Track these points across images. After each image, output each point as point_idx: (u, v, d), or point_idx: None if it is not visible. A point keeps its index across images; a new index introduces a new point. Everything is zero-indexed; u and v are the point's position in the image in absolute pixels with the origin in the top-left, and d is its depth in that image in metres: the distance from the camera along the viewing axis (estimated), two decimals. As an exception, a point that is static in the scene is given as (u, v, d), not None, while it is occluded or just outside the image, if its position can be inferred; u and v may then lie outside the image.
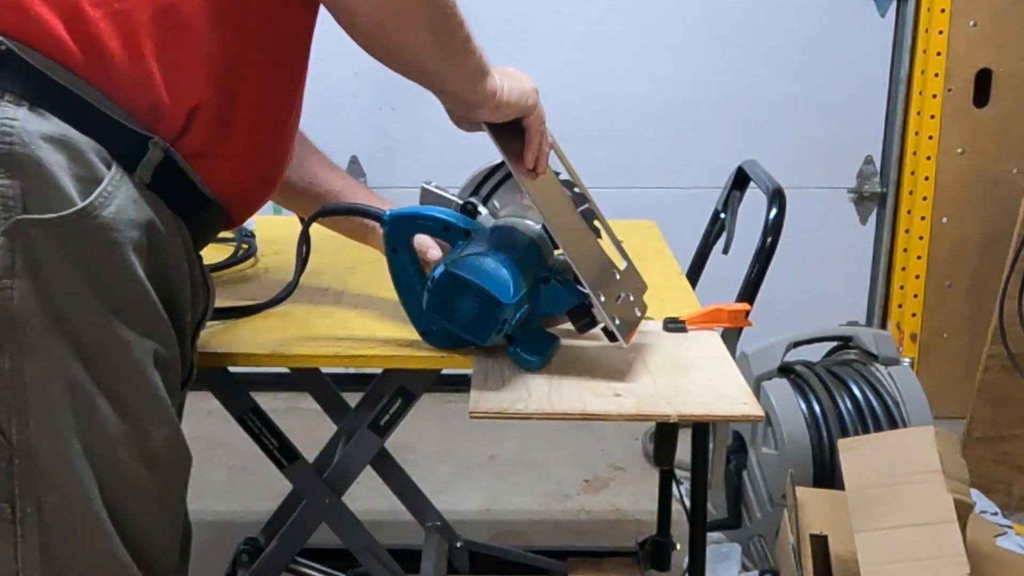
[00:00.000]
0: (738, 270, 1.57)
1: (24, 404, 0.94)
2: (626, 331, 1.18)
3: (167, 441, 1.04)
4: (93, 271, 0.95)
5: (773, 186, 1.58)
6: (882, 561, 1.49)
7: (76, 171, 0.94)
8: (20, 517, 0.96)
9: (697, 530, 1.64)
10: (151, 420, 1.02)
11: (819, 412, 2.12)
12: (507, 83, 1.16)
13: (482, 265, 1.14)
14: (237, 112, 1.06)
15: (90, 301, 0.96)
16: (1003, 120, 2.82)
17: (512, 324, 1.15)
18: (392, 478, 1.88)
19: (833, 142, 2.96)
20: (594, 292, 1.15)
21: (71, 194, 0.93)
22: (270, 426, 1.43)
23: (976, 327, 2.76)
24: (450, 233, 1.24)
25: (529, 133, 1.21)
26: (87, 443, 0.97)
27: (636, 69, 2.89)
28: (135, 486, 1.02)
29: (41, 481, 0.96)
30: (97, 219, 0.95)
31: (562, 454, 2.73)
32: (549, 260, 1.23)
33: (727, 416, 1.13)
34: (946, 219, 2.91)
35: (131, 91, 0.98)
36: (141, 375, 1.00)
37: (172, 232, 1.04)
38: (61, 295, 0.94)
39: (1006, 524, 2.24)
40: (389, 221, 1.24)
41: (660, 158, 2.94)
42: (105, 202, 0.96)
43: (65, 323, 0.95)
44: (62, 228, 0.93)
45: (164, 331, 1.03)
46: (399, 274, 1.25)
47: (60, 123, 0.95)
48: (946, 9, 2.75)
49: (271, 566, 1.56)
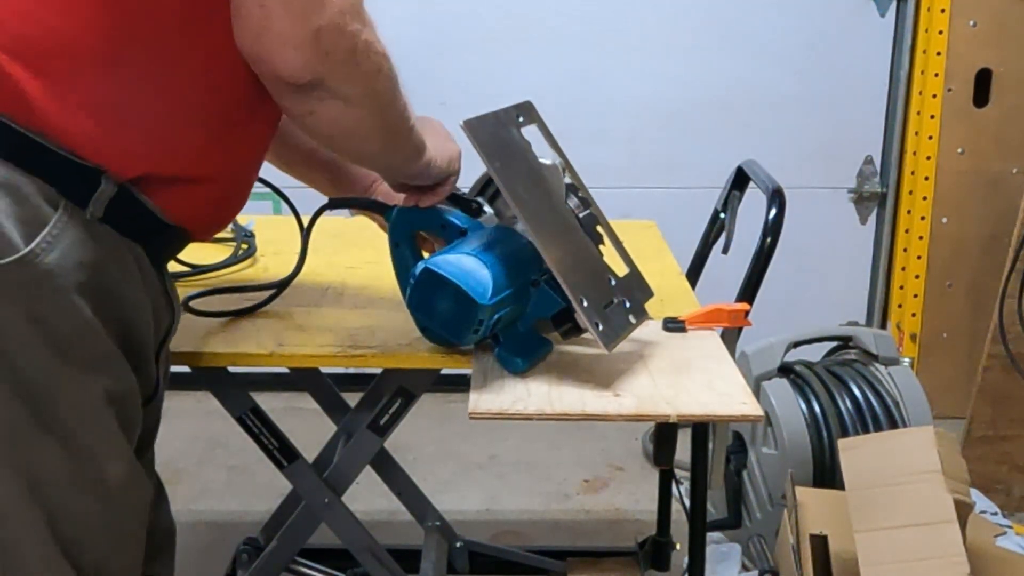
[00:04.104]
0: (738, 270, 1.57)
1: None
2: (610, 338, 1.16)
3: (122, 475, 1.04)
4: (37, 315, 0.94)
5: (773, 186, 1.58)
6: (882, 561, 1.49)
7: (20, 215, 0.93)
8: None
9: (697, 530, 1.64)
10: (104, 456, 1.02)
11: (819, 412, 2.12)
12: (437, 149, 1.21)
13: (462, 264, 1.14)
14: (202, 163, 1.05)
15: (33, 344, 0.95)
16: (1003, 120, 2.82)
17: (489, 326, 1.15)
18: (392, 478, 1.88)
19: (833, 142, 2.96)
20: (575, 296, 1.14)
21: (14, 239, 0.92)
22: (270, 426, 1.43)
23: (976, 327, 2.77)
24: (446, 231, 1.24)
25: (438, 187, 1.25)
26: (32, 482, 0.97)
27: (636, 69, 2.89)
28: (88, 520, 1.02)
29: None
30: (40, 265, 0.93)
31: (562, 454, 2.73)
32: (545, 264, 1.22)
33: (727, 416, 1.13)
34: (946, 219, 2.91)
35: (68, 137, 0.96)
36: (91, 413, 1.00)
37: (126, 264, 1.03)
38: (3, 338, 0.93)
39: (1006, 524, 2.23)
40: (393, 216, 1.24)
41: (660, 158, 2.94)
42: (49, 248, 0.94)
43: (7, 365, 0.94)
44: (4, 274, 0.92)
45: (116, 366, 1.02)
46: (401, 269, 1.26)
47: (2, 166, 0.93)
48: (946, 9, 2.75)
49: (271, 566, 1.56)
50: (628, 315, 1.22)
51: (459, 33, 2.80)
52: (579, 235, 1.25)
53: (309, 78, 0.99)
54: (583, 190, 1.31)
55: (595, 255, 1.25)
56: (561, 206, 1.26)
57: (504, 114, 1.24)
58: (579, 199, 1.29)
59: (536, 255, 1.19)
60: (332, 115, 1.04)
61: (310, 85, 0.99)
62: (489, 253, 1.16)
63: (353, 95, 1.02)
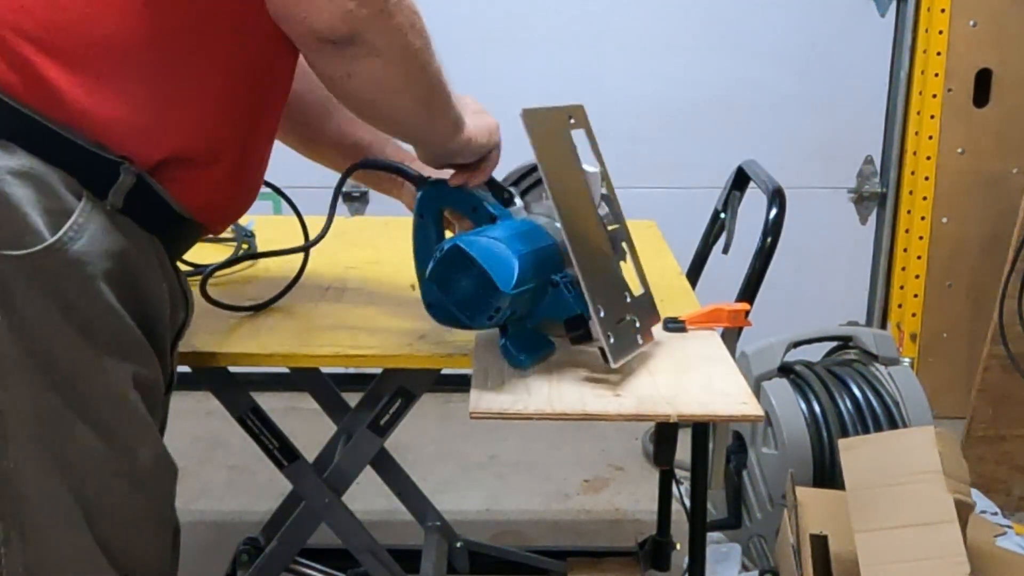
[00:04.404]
0: (738, 270, 1.57)
1: (2, 435, 0.96)
2: (618, 353, 1.16)
3: (152, 459, 1.05)
4: (66, 303, 0.95)
5: (773, 186, 1.58)
6: (882, 561, 1.49)
7: (45, 204, 0.94)
8: (4, 539, 0.98)
9: (697, 530, 1.64)
10: (135, 441, 1.03)
11: (819, 412, 2.12)
12: (476, 126, 1.20)
13: (492, 249, 1.13)
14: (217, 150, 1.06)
15: (64, 331, 0.96)
16: (1003, 120, 2.82)
17: (505, 314, 1.15)
18: (392, 478, 1.88)
19: (833, 142, 2.96)
20: (594, 305, 1.15)
21: (40, 229, 0.93)
22: (270, 426, 1.43)
23: (976, 327, 2.76)
24: (477, 214, 1.24)
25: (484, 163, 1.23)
26: (67, 469, 0.98)
27: (636, 69, 2.89)
28: (121, 505, 1.03)
29: (24, 507, 0.98)
30: (68, 253, 0.95)
31: (562, 454, 2.73)
32: (567, 268, 1.22)
33: (727, 416, 1.13)
34: (946, 219, 2.91)
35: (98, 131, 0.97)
36: (121, 399, 1.01)
37: (147, 253, 1.04)
38: (35, 327, 0.94)
39: (1006, 524, 2.23)
40: (424, 188, 1.24)
41: (660, 158, 2.94)
42: (76, 235, 0.95)
43: (40, 354, 0.95)
44: (33, 263, 0.93)
45: (143, 353, 1.04)
46: (420, 241, 1.26)
47: (27, 156, 0.94)
48: (946, 9, 2.75)
49: (271, 566, 1.56)
50: (637, 335, 1.22)
51: (459, 33, 2.80)
52: (607, 247, 1.24)
53: (345, 30, 0.98)
54: (616, 204, 1.30)
55: (617, 269, 1.25)
56: (595, 215, 1.25)
57: (558, 112, 1.24)
58: (611, 211, 1.29)
59: (560, 256, 1.19)
60: (370, 74, 1.04)
61: (347, 40, 0.99)
62: (518, 244, 1.16)
63: (389, 50, 1.02)
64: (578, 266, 1.15)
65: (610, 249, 1.25)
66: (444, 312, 1.18)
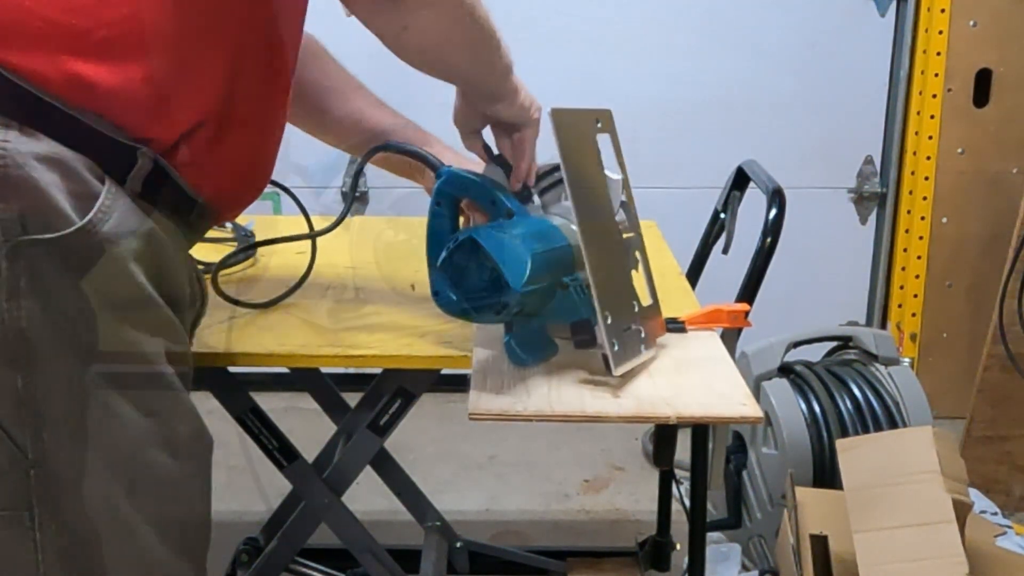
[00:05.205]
0: (738, 270, 1.57)
1: (40, 420, 0.95)
2: (621, 361, 1.15)
3: (190, 430, 1.07)
4: (98, 284, 0.96)
5: (773, 186, 1.58)
6: (881, 561, 1.49)
7: (71, 188, 0.95)
8: (39, 524, 0.97)
9: (697, 530, 1.64)
10: (172, 413, 1.05)
11: (819, 412, 2.12)
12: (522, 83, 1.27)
13: (507, 245, 1.13)
14: (229, 125, 1.07)
15: (98, 312, 0.97)
16: (1003, 120, 2.82)
17: (511, 312, 1.14)
18: (392, 478, 1.88)
19: (833, 142, 2.96)
20: (602, 310, 1.14)
21: (68, 212, 0.94)
22: (270, 426, 1.43)
23: (976, 327, 2.77)
24: (495, 208, 1.24)
25: (524, 144, 1.27)
26: (109, 449, 0.99)
27: (636, 69, 2.89)
28: (165, 479, 1.05)
29: (60, 490, 0.97)
30: (97, 235, 0.96)
31: (562, 454, 2.73)
32: (578, 271, 1.22)
33: (726, 417, 1.13)
34: (946, 219, 2.91)
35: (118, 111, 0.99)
36: (157, 372, 1.03)
37: (170, 236, 1.06)
38: (69, 310, 0.95)
39: (1006, 524, 2.24)
40: (444, 176, 1.24)
41: (660, 158, 2.94)
42: (104, 217, 0.96)
43: (75, 337, 0.96)
44: (63, 247, 0.94)
45: (173, 329, 1.06)
46: (434, 229, 1.25)
47: (51, 142, 0.95)
48: (946, 9, 2.75)
49: (271, 566, 1.56)
50: (641, 345, 1.22)
51: (459, 33, 2.80)
52: (621, 254, 1.24)
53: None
54: (633, 212, 1.30)
55: (628, 278, 1.25)
56: (612, 221, 1.25)
57: (587, 114, 1.24)
58: (628, 219, 1.29)
59: (573, 259, 1.19)
60: (424, 25, 1.09)
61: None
62: (533, 243, 1.15)
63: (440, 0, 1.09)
64: (590, 271, 1.14)
65: (624, 257, 1.25)
66: (450, 302, 1.18)
